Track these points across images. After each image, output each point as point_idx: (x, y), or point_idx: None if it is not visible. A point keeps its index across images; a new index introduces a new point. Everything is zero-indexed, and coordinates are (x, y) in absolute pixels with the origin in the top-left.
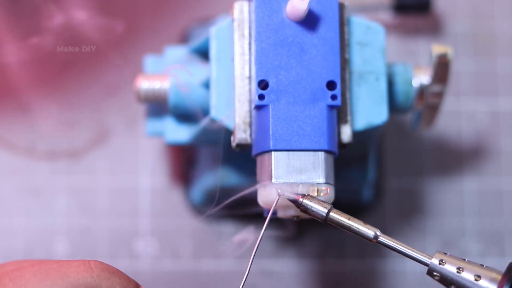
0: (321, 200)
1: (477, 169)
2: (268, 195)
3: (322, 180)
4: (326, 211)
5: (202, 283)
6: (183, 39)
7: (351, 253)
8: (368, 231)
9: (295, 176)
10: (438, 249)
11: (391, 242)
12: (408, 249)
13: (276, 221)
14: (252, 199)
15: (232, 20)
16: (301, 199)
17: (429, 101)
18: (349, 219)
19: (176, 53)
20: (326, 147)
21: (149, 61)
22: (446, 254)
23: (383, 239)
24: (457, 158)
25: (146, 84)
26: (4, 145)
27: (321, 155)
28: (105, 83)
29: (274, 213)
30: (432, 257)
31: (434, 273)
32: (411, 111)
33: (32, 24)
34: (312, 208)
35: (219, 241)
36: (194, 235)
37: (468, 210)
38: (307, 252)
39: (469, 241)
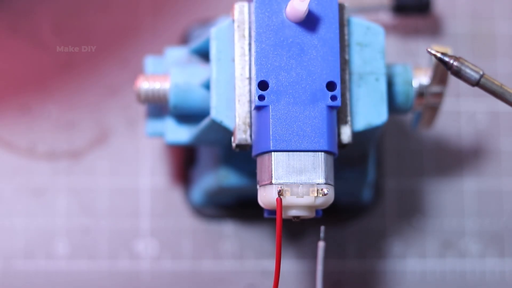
0: (473, 64)
1: (477, 169)
2: (268, 195)
3: (322, 180)
4: (478, 76)
5: (202, 283)
6: (184, 40)
7: (351, 253)
8: None
9: (295, 177)
10: (438, 249)
11: None
12: None
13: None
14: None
15: (232, 21)
16: (452, 61)
17: (429, 102)
18: (501, 86)
19: (177, 54)
20: (326, 148)
21: (150, 62)
22: None
23: None
24: (457, 159)
25: (146, 84)
26: (5, 145)
27: (321, 155)
28: (105, 84)
29: (274, 213)
30: None
31: None
32: (411, 111)
33: (32, 24)
34: (465, 71)
35: (219, 241)
36: (194, 235)
37: (468, 210)
38: (307, 252)
39: (469, 241)
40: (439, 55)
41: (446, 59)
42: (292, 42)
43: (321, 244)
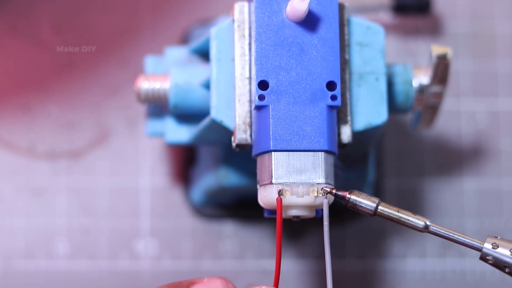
0: (368, 195)
1: (477, 169)
2: (268, 195)
3: (322, 180)
4: (375, 205)
5: None
6: (184, 39)
7: (351, 253)
8: (418, 221)
9: (295, 177)
10: (438, 249)
11: (442, 231)
12: (460, 236)
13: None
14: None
15: (232, 21)
16: (348, 195)
17: (429, 102)
18: (398, 211)
19: (177, 53)
20: (326, 148)
21: (150, 62)
22: (497, 237)
23: (434, 228)
24: (457, 158)
25: (147, 84)
26: (5, 145)
27: (321, 155)
28: (105, 83)
29: (274, 213)
30: (484, 242)
31: (488, 258)
32: (411, 111)
33: (32, 24)
34: (361, 204)
35: (219, 241)
36: (194, 235)
37: (468, 210)
38: (307, 252)
39: None
40: (334, 191)
41: (341, 194)
42: (292, 42)
43: (325, 201)
